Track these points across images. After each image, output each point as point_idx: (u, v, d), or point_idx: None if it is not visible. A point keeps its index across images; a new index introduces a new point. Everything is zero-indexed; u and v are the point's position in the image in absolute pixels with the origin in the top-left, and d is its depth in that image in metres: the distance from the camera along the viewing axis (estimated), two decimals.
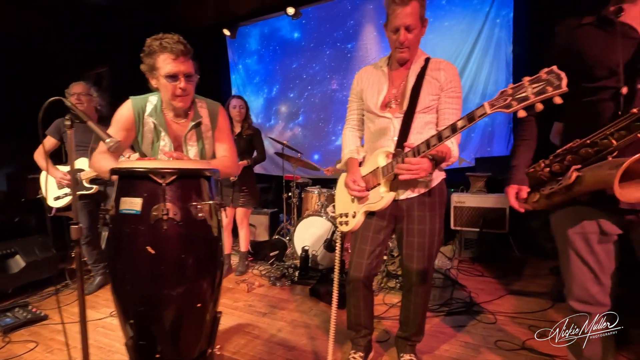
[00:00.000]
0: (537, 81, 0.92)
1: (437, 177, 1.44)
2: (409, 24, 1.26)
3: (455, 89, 1.36)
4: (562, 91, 0.88)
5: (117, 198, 1.05)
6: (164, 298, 1.03)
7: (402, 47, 1.31)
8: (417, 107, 1.35)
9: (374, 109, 1.43)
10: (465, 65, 4.05)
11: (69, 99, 2.55)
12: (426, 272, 1.47)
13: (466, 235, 3.40)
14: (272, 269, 3.11)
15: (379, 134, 1.44)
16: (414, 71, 1.38)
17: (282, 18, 5.03)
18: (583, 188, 0.99)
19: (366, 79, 1.49)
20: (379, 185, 1.37)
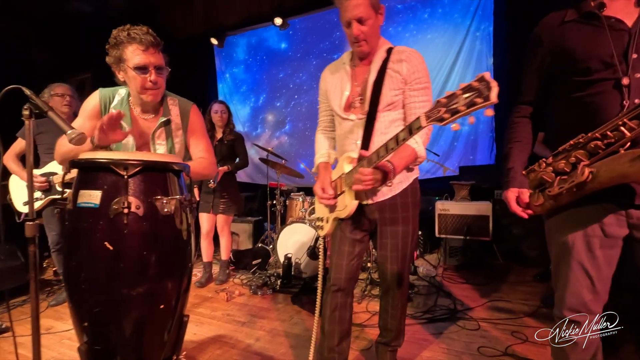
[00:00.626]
0: (468, 90, 0.86)
1: (409, 177, 1.38)
2: (360, 16, 1.18)
3: (420, 79, 1.26)
4: (490, 103, 0.82)
5: (76, 191, 0.99)
6: (123, 298, 0.96)
7: (359, 41, 1.24)
8: (379, 106, 1.27)
9: (338, 111, 1.37)
10: (449, 76, 4.14)
11: (53, 99, 2.47)
12: (402, 274, 1.41)
13: (451, 243, 3.39)
14: (253, 278, 3.02)
15: (345, 137, 1.38)
16: (375, 65, 1.29)
17: (269, 29, 5.08)
18: (597, 185, 0.89)
19: (330, 79, 1.43)
20: (344, 193, 1.33)
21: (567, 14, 1.04)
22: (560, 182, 0.96)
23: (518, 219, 3.60)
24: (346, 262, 1.40)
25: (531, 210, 1.09)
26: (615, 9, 0.97)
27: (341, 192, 1.35)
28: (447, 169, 4.20)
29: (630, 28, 0.94)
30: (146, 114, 1.36)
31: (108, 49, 1.26)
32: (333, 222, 1.42)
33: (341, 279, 1.41)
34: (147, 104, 1.33)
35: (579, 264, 1.01)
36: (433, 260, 3.50)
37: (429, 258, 3.58)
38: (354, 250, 1.41)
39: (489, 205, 3.30)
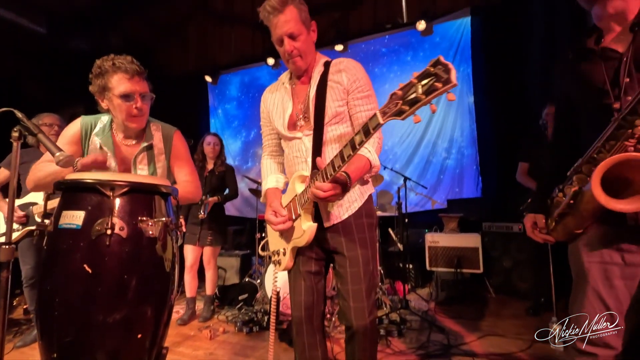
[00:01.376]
0: (425, 76, 0.80)
1: (363, 194, 1.27)
2: (291, 32, 1.16)
3: (362, 87, 1.20)
4: (452, 86, 0.76)
5: (58, 213, 0.97)
6: (98, 325, 0.90)
7: (293, 57, 1.20)
8: (324, 119, 1.20)
9: (283, 130, 1.29)
10: (432, 114, 4.34)
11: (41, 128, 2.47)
12: (366, 311, 1.19)
13: (442, 277, 3.35)
14: (239, 314, 2.87)
15: (293, 157, 1.29)
16: (315, 79, 1.25)
17: (261, 68, 5.33)
18: (589, 205, 0.91)
19: (271, 100, 1.36)
20: (300, 217, 1.19)
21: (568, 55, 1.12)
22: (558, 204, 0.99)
23: (507, 251, 3.59)
24: (305, 297, 1.27)
25: (550, 237, 1.10)
26: (609, 38, 1.03)
27: (297, 217, 1.20)
28: (435, 202, 4.28)
29: (622, 53, 0.97)
30: (128, 139, 1.38)
31: (91, 79, 1.28)
32: (292, 253, 1.27)
33: (301, 317, 1.27)
34: (130, 130, 1.35)
35: (595, 292, 0.97)
36: (425, 295, 3.42)
37: (420, 292, 3.50)
38: (311, 284, 1.28)
39: (478, 237, 3.32)
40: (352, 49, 4.64)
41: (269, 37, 1.26)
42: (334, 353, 2.13)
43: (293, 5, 1.16)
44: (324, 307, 1.35)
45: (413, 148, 4.38)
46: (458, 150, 4.21)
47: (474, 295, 3.25)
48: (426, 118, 4.35)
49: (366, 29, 4.59)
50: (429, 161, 4.34)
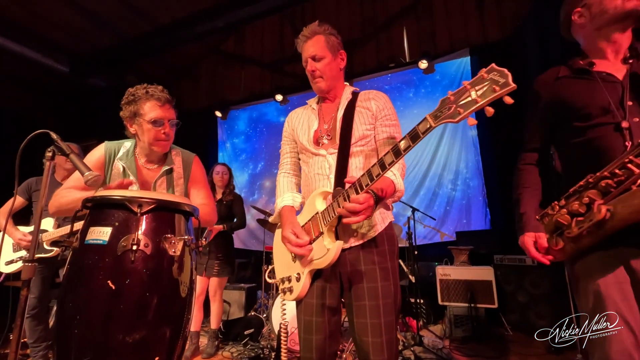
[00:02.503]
0: (479, 82, 0.84)
1: (385, 219, 1.23)
2: (314, 54, 1.26)
3: (390, 116, 1.25)
4: (511, 88, 0.80)
5: (85, 229, 0.98)
6: (117, 346, 0.87)
7: (315, 77, 1.28)
8: (351, 140, 1.21)
9: (308, 145, 1.29)
10: (438, 146, 4.43)
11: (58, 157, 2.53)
12: (387, 348, 1.09)
13: (455, 312, 3.21)
14: (245, 350, 2.74)
15: (314, 175, 1.26)
16: (343, 103, 1.30)
17: (269, 104, 5.56)
18: (617, 222, 0.88)
19: (296, 119, 1.39)
20: (322, 235, 1.12)
21: (560, 71, 1.16)
22: (578, 223, 0.93)
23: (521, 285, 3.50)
24: (317, 336, 1.15)
25: (552, 256, 1.03)
26: (604, 66, 1.09)
27: (317, 236, 1.13)
28: (444, 235, 4.22)
29: (622, 80, 1.05)
30: (150, 164, 1.43)
31: (123, 105, 1.37)
32: (309, 278, 1.16)
33: (312, 358, 1.15)
34: (154, 154, 1.40)
35: (620, 314, 0.92)
36: (438, 332, 3.26)
37: (433, 329, 3.34)
38: (324, 320, 1.15)
39: (490, 269, 3.23)
40: (356, 86, 4.86)
41: (277, 75, 1.36)
42: None
43: (322, 34, 1.28)
44: (337, 347, 1.23)
45: (419, 180, 4.42)
46: (463, 182, 4.25)
47: (489, 332, 3.10)
48: (431, 150, 4.44)
49: (370, 68, 4.85)
50: (435, 193, 4.36)
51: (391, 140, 1.21)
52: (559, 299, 2.51)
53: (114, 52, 4.98)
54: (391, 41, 4.74)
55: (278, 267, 1.31)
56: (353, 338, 1.18)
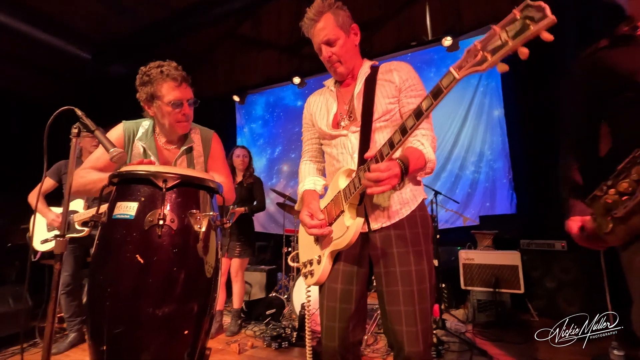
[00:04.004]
0: (510, 22, 0.72)
1: (416, 196, 1.15)
2: (327, 39, 1.15)
3: (415, 86, 1.15)
4: (548, 21, 0.67)
5: (112, 204, 0.98)
6: (148, 320, 0.88)
7: (332, 63, 1.18)
8: (373, 116, 1.13)
9: (327, 128, 1.22)
10: (462, 128, 4.27)
11: (84, 139, 2.62)
12: (422, 338, 1.02)
13: (479, 297, 3.15)
14: (267, 329, 2.79)
15: (337, 156, 1.20)
16: (361, 78, 1.20)
17: (287, 88, 5.49)
18: None
19: (314, 104, 1.32)
20: (343, 214, 1.06)
21: (599, 44, 1.07)
22: (623, 202, 0.86)
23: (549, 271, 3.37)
24: (339, 324, 1.09)
25: (603, 242, 0.95)
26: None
27: (338, 215, 1.07)
28: (467, 219, 4.11)
29: None
30: (170, 144, 1.41)
31: (138, 87, 1.32)
32: (329, 259, 1.11)
33: (335, 348, 1.09)
34: (174, 134, 1.38)
35: None
36: (460, 316, 3.22)
37: (455, 313, 3.29)
38: (349, 307, 1.10)
39: (517, 254, 3.12)
40: None
41: (294, 58, 1.28)
42: None
43: (329, 12, 1.16)
44: (362, 335, 1.18)
45: (441, 163, 4.29)
46: (487, 164, 4.09)
47: (515, 318, 3.02)
48: (454, 132, 4.28)
49: (389, 48, 4.67)
50: (458, 176, 4.23)
51: None
52: (590, 286, 2.40)
53: (133, 39, 5.01)
54: (412, 19, 4.53)
55: (301, 251, 1.28)
56: (384, 326, 1.13)
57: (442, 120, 4.30)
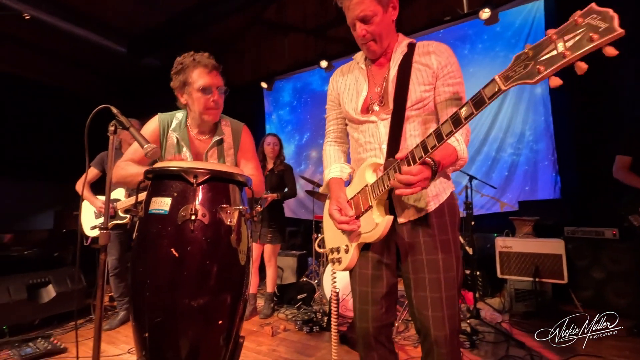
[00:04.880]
0: (570, 30, 0.64)
1: (446, 188, 1.12)
2: (362, 15, 1.04)
3: (454, 73, 1.06)
4: (616, 35, 0.60)
5: (148, 199, 1.03)
6: (184, 310, 0.92)
7: (366, 42, 1.09)
8: (407, 104, 1.06)
9: (354, 114, 1.16)
10: (500, 108, 4.00)
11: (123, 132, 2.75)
12: (448, 323, 1.02)
13: (517, 286, 3.01)
14: (299, 313, 2.88)
15: (364, 144, 1.15)
16: (396, 60, 1.11)
17: (313, 73, 5.41)
18: None
19: (342, 81, 1.23)
20: (371, 209, 1.05)
21: None
22: None
23: (597, 260, 3.15)
24: (372, 306, 1.11)
25: None
26: None
27: (366, 209, 1.07)
28: (504, 204, 3.90)
29: None
30: (202, 135, 1.44)
31: (173, 75, 1.37)
32: (357, 250, 1.13)
33: (368, 329, 1.12)
34: (204, 125, 1.40)
35: None
36: (495, 305, 3.11)
37: (490, 302, 3.19)
38: (381, 290, 1.11)
39: (560, 242, 2.93)
40: None
41: (321, 41, 1.20)
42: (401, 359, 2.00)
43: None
44: (394, 318, 1.18)
45: (477, 146, 4.07)
46: (527, 145, 3.82)
47: (556, 309, 2.86)
48: (492, 113, 4.02)
49: (420, 25, 4.41)
50: (495, 159, 3.99)
51: (455, 101, 1.04)
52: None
53: (163, 31, 5.14)
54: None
55: (328, 237, 1.27)
56: (411, 312, 1.13)
57: None
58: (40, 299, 2.61)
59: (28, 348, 2.10)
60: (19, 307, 2.45)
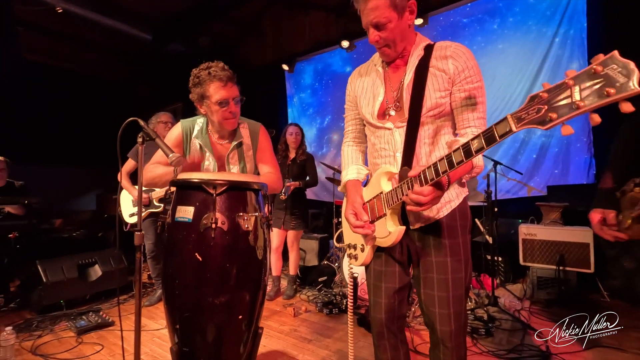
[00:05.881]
0: (588, 78, 0.62)
1: (459, 195, 1.15)
2: (376, 21, 1.03)
3: (472, 78, 1.05)
4: (632, 93, 0.58)
5: (174, 207, 1.14)
6: (208, 306, 1.05)
7: (379, 47, 1.09)
8: (422, 110, 1.07)
9: (371, 119, 1.17)
10: (532, 86, 3.77)
11: (158, 125, 2.93)
12: (454, 319, 1.09)
13: (539, 273, 2.97)
14: (319, 295, 3.04)
15: (380, 149, 1.18)
16: (412, 65, 1.11)
17: (334, 54, 5.31)
18: None
19: (360, 84, 1.24)
20: (385, 217, 1.10)
21: None
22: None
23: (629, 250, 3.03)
24: (385, 300, 1.19)
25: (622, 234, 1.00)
26: None
27: (381, 216, 1.12)
28: (532, 189, 3.77)
29: None
30: (222, 139, 1.52)
31: (190, 88, 1.43)
32: (372, 251, 1.20)
33: (381, 319, 1.20)
34: (223, 130, 1.48)
35: None
36: (517, 291, 3.10)
37: (511, 288, 3.18)
38: (394, 286, 1.18)
39: (588, 231, 2.83)
40: (430, 22, 4.27)
41: (342, 20, 1.19)
42: (415, 344, 2.10)
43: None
44: (407, 310, 1.28)
45: None
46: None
47: (581, 298, 2.82)
48: (523, 91, 3.80)
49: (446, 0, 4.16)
50: (524, 141, 3.82)
51: (471, 107, 1.05)
52: None
53: (186, 17, 5.19)
54: None
55: (347, 233, 1.32)
56: (420, 306, 1.21)
57: (509, 79, 3.84)
58: (89, 277, 2.94)
59: (82, 321, 2.40)
60: (72, 284, 2.77)
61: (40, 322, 2.46)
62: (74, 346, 2.15)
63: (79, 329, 2.31)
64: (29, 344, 2.16)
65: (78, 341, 2.21)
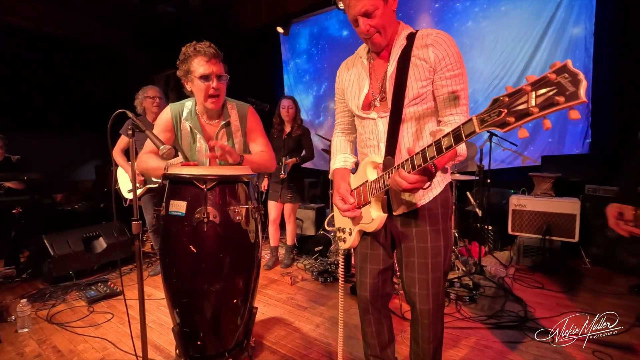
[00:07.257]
0: (543, 85, 0.66)
1: (442, 182, 1.19)
2: (364, 10, 1.05)
3: (452, 65, 1.06)
4: (578, 102, 0.62)
5: (167, 200, 1.18)
6: (204, 292, 1.13)
7: (371, 36, 1.10)
8: (404, 101, 1.10)
9: (357, 110, 1.22)
10: (535, 52, 3.64)
11: (146, 100, 2.88)
12: (432, 299, 1.18)
13: (526, 242, 3.11)
14: (315, 264, 3.19)
15: (366, 139, 1.23)
16: (395, 55, 1.13)
17: (330, 16, 5.03)
18: None
19: (346, 75, 1.27)
20: (369, 204, 1.16)
21: None
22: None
23: None
24: (370, 280, 1.28)
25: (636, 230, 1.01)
26: None
27: (366, 203, 1.18)
28: (527, 159, 3.80)
29: None
30: (211, 120, 1.53)
31: (178, 64, 1.43)
32: (358, 235, 1.27)
33: (366, 297, 1.30)
34: (211, 111, 1.49)
35: None
36: (504, 259, 3.26)
37: (498, 255, 3.34)
38: (378, 267, 1.27)
39: (576, 202, 2.92)
40: None
41: None
42: (402, 311, 2.26)
43: None
44: (390, 288, 1.36)
45: None
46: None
47: (563, 264, 2.98)
48: (524, 59, 3.68)
49: None
50: None
51: (452, 94, 1.07)
52: None
53: None
54: None
55: (337, 216, 1.40)
56: (402, 287, 1.30)
57: (512, 44, 3.68)
58: (94, 249, 3.07)
59: (92, 291, 2.56)
60: (79, 257, 2.91)
61: (53, 293, 2.62)
62: (86, 315, 2.32)
63: (90, 299, 2.47)
64: (44, 313, 2.33)
65: (90, 310, 2.38)
